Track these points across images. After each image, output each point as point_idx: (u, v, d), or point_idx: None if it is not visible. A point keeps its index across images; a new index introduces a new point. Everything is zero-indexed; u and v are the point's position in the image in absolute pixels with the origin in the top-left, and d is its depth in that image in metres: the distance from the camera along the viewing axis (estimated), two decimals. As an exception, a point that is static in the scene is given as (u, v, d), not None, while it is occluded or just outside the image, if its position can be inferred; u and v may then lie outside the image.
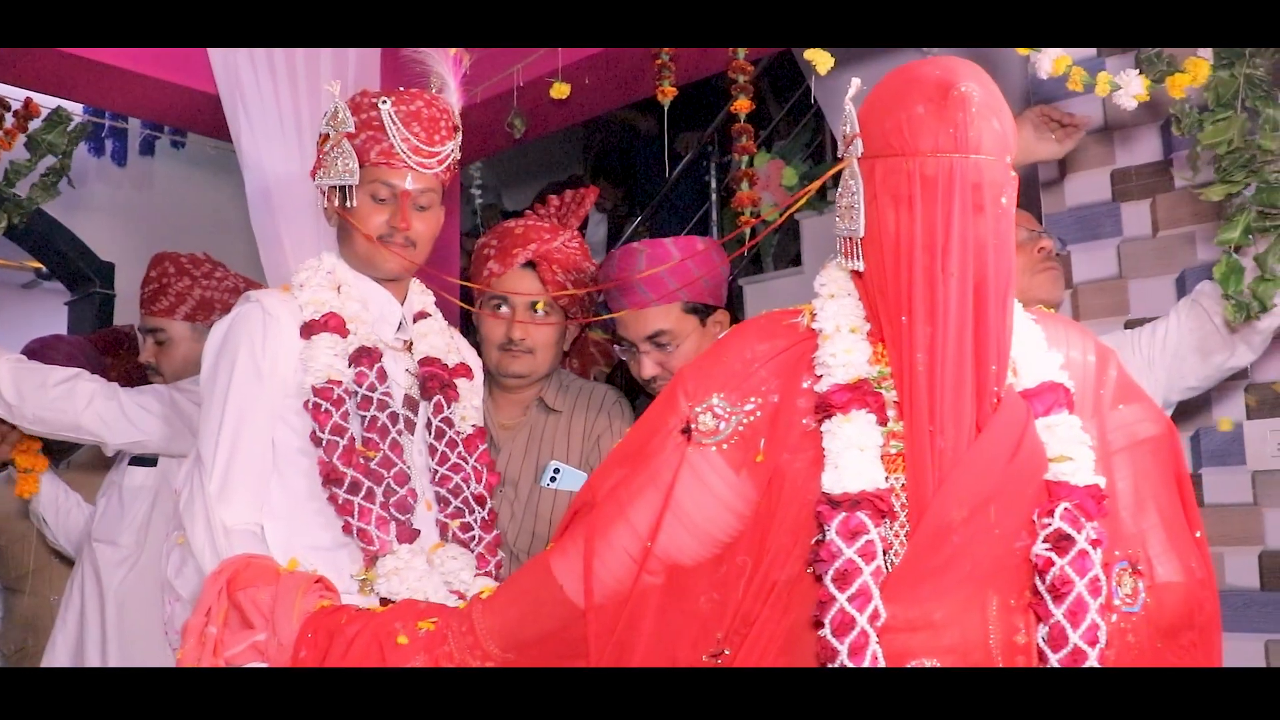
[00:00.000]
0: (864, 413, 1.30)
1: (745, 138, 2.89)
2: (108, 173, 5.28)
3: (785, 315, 1.44)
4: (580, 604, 1.35)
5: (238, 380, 1.90)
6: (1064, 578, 1.24)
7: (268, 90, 3.14)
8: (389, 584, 1.82)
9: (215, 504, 1.83)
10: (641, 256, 2.31)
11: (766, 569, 1.31)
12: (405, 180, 1.97)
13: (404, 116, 1.96)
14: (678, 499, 1.33)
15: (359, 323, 1.99)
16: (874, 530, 1.25)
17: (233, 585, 1.51)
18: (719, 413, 1.35)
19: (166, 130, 5.12)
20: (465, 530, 2.01)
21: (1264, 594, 2.46)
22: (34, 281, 7.29)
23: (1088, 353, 1.43)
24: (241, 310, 1.98)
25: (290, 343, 1.94)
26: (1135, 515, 1.36)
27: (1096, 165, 2.79)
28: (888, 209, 1.30)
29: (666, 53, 2.97)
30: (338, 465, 1.86)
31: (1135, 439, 1.38)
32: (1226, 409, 2.54)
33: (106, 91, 3.38)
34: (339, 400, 1.89)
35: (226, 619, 1.49)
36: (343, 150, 1.97)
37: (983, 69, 1.34)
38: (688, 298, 2.30)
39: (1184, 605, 1.35)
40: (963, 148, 1.27)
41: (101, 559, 2.66)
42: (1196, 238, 2.66)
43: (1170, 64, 2.28)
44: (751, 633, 1.31)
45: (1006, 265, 1.31)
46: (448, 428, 2.05)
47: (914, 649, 1.25)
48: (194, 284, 2.69)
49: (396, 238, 1.98)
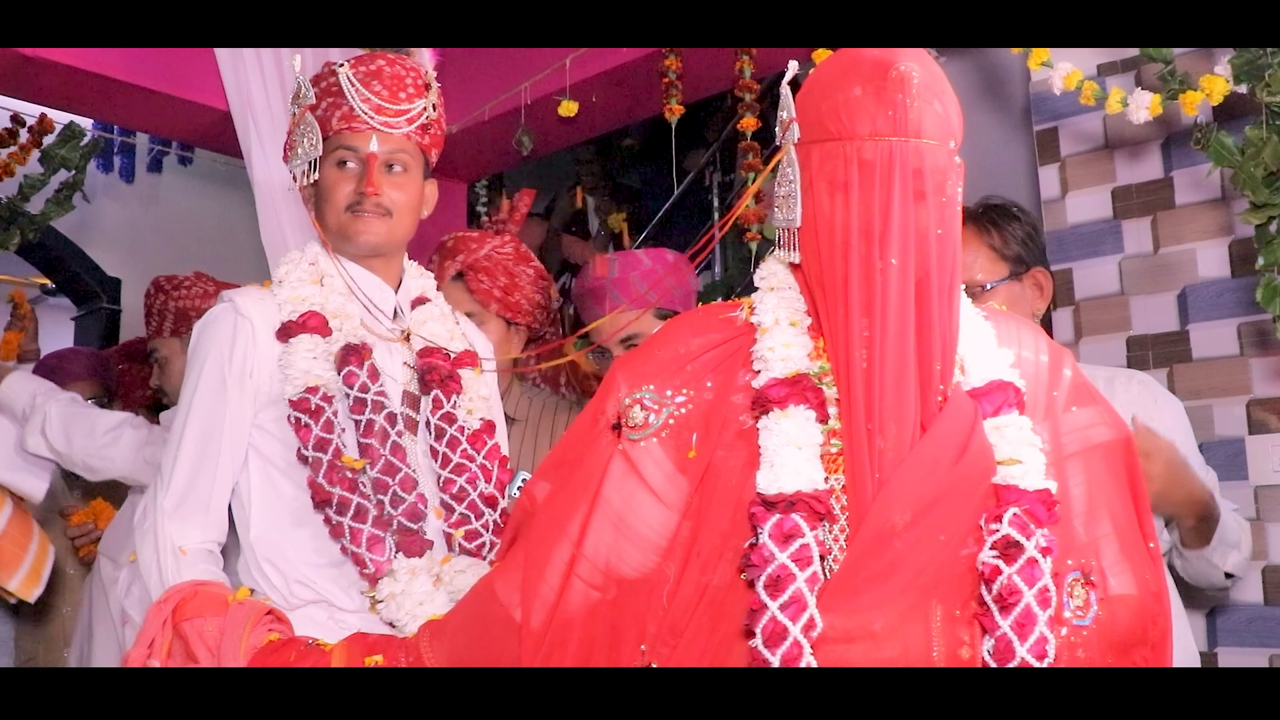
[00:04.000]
0: (802, 409, 1.21)
1: (751, 155, 2.92)
2: (116, 189, 5.31)
3: (723, 309, 1.36)
4: (529, 625, 1.25)
5: (202, 390, 1.74)
6: (1011, 587, 1.14)
7: (278, 105, 3.14)
8: (388, 610, 1.68)
9: (168, 521, 1.69)
10: (614, 264, 2.34)
11: (696, 573, 1.22)
12: (370, 143, 1.78)
13: (362, 76, 1.79)
14: (605, 496, 1.24)
15: (344, 317, 1.80)
16: (809, 533, 1.16)
17: (178, 614, 1.42)
18: (648, 405, 1.27)
19: (174, 146, 5.14)
20: (473, 538, 1.79)
21: (1268, 609, 2.42)
22: (40, 298, 7.31)
23: (1040, 352, 1.34)
24: (212, 312, 1.81)
25: (266, 347, 1.75)
26: (1088, 523, 1.26)
27: (1098, 182, 2.76)
28: (824, 197, 1.22)
29: (674, 69, 3.00)
30: (324, 485, 1.68)
31: (1089, 444, 1.29)
32: (1229, 424, 2.58)
33: (118, 107, 3.39)
34: (318, 410, 1.71)
35: (170, 650, 1.40)
36: (306, 124, 1.81)
37: (929, 54, 1.26)
38: (658, 303, 2.31)
39: (1138, 619, 1.26)
40: (902, 130, 1.19)
41: (105, 575, 2.67)
42: (1198, 254, 2.68)
43: (1184, 81, 2.31)
44: (680, 644, 1.22)
45: (951, 257, 1.22)
46: (448, 425, 1.83)
47: (852, 661, 1.15)
48: (168, 298, 2.68)
49: (366, 205, 1.78)
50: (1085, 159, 2.78)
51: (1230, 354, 2.56)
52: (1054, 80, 2.34)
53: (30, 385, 2.40)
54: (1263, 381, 2.50)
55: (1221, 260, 2.59)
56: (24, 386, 2.39)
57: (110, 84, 3.17)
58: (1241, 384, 2.53)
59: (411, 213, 1.85)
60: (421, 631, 1.38)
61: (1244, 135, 2.16)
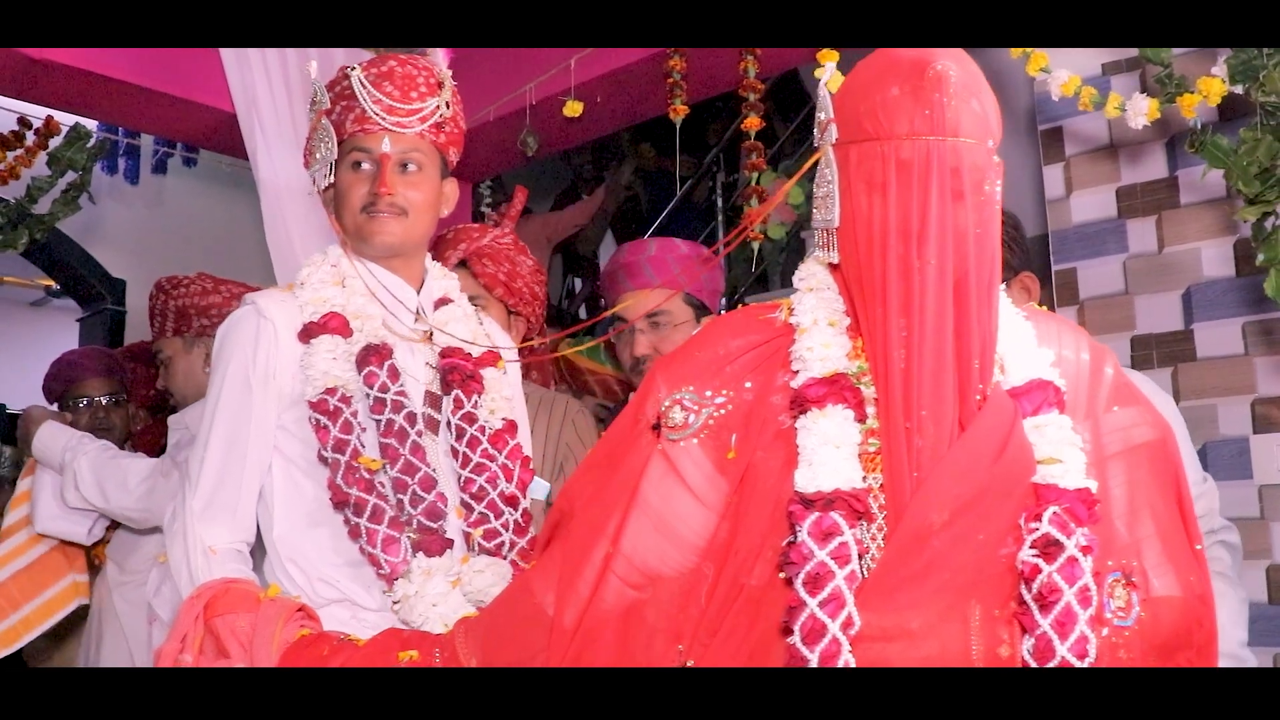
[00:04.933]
0: (840, 408, 1.21)
1: (755, 155, 2.92)
2: (120, 190, 5.30)
3: (762, 309, 1.35)
4: (561, 622, 1.25)
5: (227, 393, 1.76)
6: (1051, 586, 1.13)
7: (283, 107, 3.15)
8: (403, 610, 1.68)
9: (197, 522, 1.71)
10: (652, 244, 2.41)
11: (734, 573, 1.22)
12: (382, 143, 1.79)
13: (374, 79, 1.80)
14: (644, 494, 1.24)
15: (365, 318, 1.81)
16: (848, 532, 1.15)
17: (210, 611, 1.43)
18: (687, 405, 1.27)
19: (179, 148, 5.15)
20: (492, 537, 1.80)
21: (1273, 608, 2.42)
22: (44, 299, 7.32)
23: (1081, 351, 1.32)
24: (235, 315, 1.82)
25: (288, 349, 1.77)
26: (1130, 524, 1.24)
27: (1102, 182, 2.77)
28: (862, 197, 1.21)
29: (679, 70, 3.01)
30: (341, 486, 1.70)
31: (1131, 444, 1.28)
32: (1233, 423, 2.58)
33: (124, 109, 3.37)
34: (336, 411, 1.72)
35: (202, 646, 1.40)
36: (322, 129, 1.83)
37: (966, 54, 1.26)
38: (689, 289, 2.36)
39: (1181, 622, 1.24)
40: (940, 130, 1.18)
41: (111, 578, 2.67)
42: (1202, 254, 2.68)
43: (1181, 84, 2.31)
44: (715, 642, 1.22)
45: (990, 256, 1.22)
46: (468, 425, 1.83)
47: (889, 660, 1.15)
48: (168, 298, 2.68)
49: (381, 205, 1.79)
50: (1089, 159, 2.79)
51: (1235, 353, 2.56)
52: (1051, 87, 2.35)
53: (60, 439, 2.44)
54: (1267, 380, 2.51)
55: (1226, 259, 2.59)
56: (54, 439, 2.44)
57: (116, 86, 3.17)
58: (1246, 383, 2.53)
59: (428, 211, 1.85)
60: (457, 627, 1.38)
61: (1238, 136, 2.17)
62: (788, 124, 5.17)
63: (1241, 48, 2.16)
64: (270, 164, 3.15)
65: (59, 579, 2.52)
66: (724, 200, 5.21)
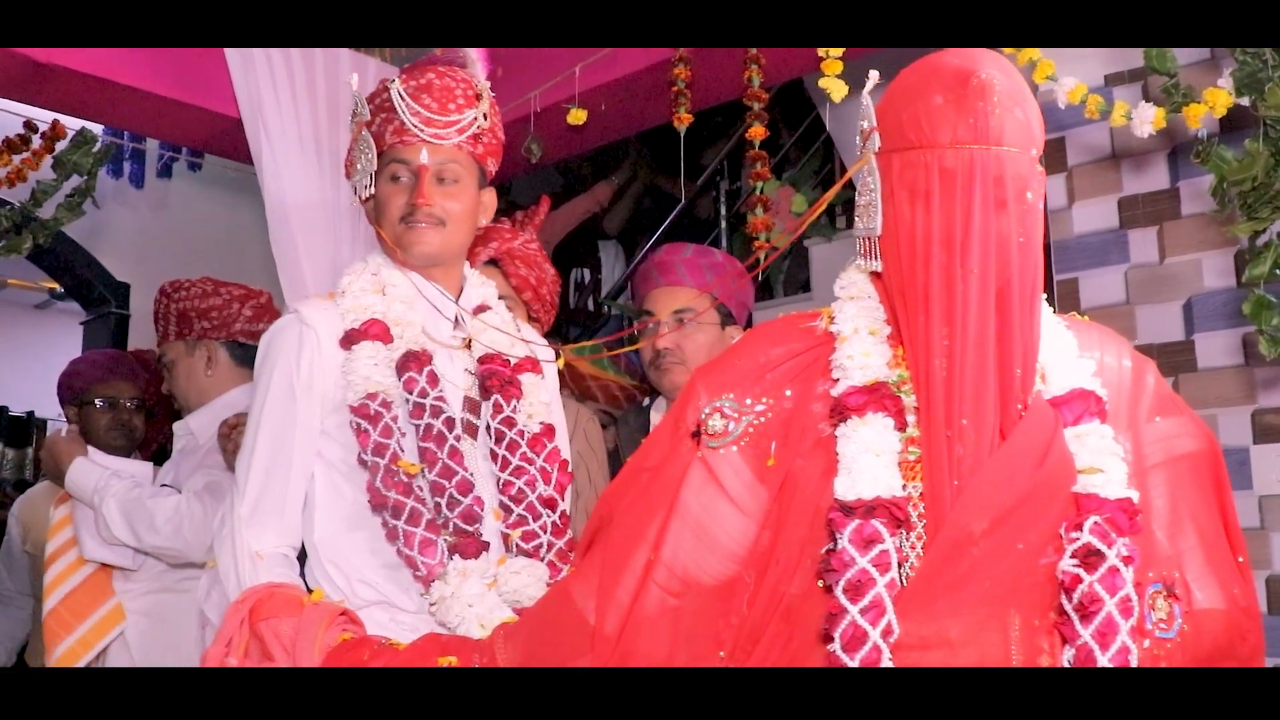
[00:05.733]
0: (881, 416, 1.20)
1: (760, 164, 2.92)
2: (125, 194, 5.28)
3: (803, 318, 1.35)
4: (603, 629, 1.25)
5: (271, 400, 1.79)
6: (1092, 596, 1.12)
7: (288, 112, 3.15)
8: (439, 612, 1.69)
9: (244, 529, 1.74)
10: (689, 248, 2.46)
11: (774, 582, 1.22)
12: (420, 155, 1.82)
13: (413, 91, 1.82)
14: (684, 502, 1.24)
15: (405, 325, 1.83)
16: (889, 539, 1.15)
17: (255, 615, 1.45)
18: (727, 413, 1.27)
19: (184, 152, 5.14)
20: (530, 539, 1.82)
21: (1272, 618, 2.41)
22: (48, 302, 7.33)
23: (1123, 360, 1.33)
24: (279, 323, 1.86)
25: (330, 355, 1.80)
26: (1172, 535, 1.23)
27: (1104, 192, 2.77)
28: (905, 205, 1.21)
29: (683, 78, 3.02)
30: (380, 489, 1.72)
31: (1173, 454, 1.27)
32: (1233, 434, 2.57)
33: (129, 113, 3.36)
34: (376, 416, 1.75)
35: (247, 650, 1.43)
36: (363, 141, 1.86)
37: (1009, 62, 1.26)
38: (717, 292, 2.39)
39: (1225, 634, 1.23)
40: (983, 138, 1.18)
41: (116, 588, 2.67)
42: (1203, 265, 2.68)
43: (1187, 95, 2.32)
44: (757, 649, 1.22)
45: (1033, 265, 1.21)
46: (508, 429, 1.86)
47: (928, 667, 1.14)
48: (170, 302, 2.68)
49: (419, 216, 1.82)
50: (1092, 169, 2.79)
51: (1235, 364, 2.57)
52: (1058, 94, 2.35)
53: (91, 478, 2.47)
54: (1267, 391, 2.51)
55: (1227, 270, 2.60)
56: (85, 478, 2.46)
57: (121, 90, 3.15)
58: (1246, 394, 2.53)
59: (465, 221, 1.88)
60: (496, 633, 1.38)
61: (1243, 148, 2.18)
62: (792, 132, 5.18)
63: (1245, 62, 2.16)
64: (275, 169, 3.14)
65: (107, 599, 2.57)
66: (727, 208, 5.22)
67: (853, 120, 1.36)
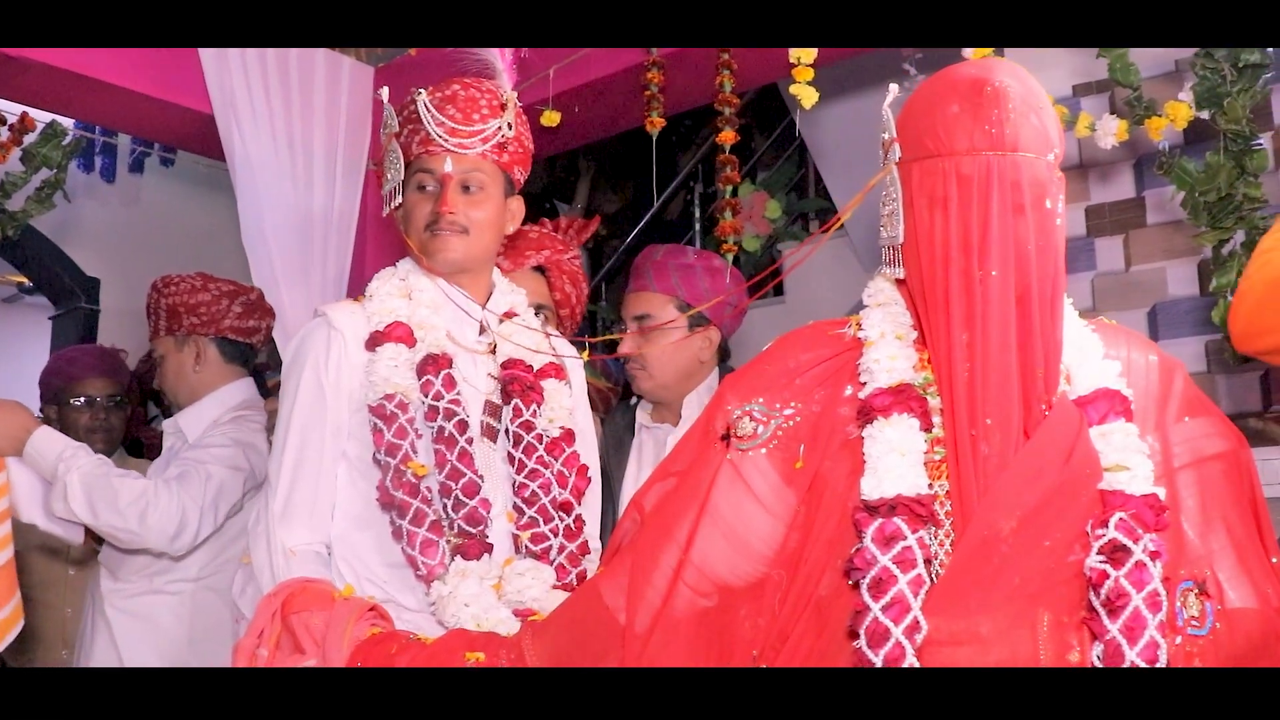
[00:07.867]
0: (906, 417, 1.22)
1: (730, 168, 2.93)
2: (96, 189, 5.21)
3: (831, 325, 1.37)
4: (633, 628, 1.25)
5: (301, 399, 1.83)
6: (1119, 591, 1.13)
7: (261, 109, 3.14)
8: (439, 611, 1.73)
9: (277, 525, 1.78)
10: (661, 250, 2.47)
11: (803, 583, 1.23)
12: (445, 164, 1.85)
13: (438, 102, 1.86)
14: (714, 503, 1.25)
15: (428, 329, 1.87)
16: (911, 536, 1.16)
17: (287, 608, 1.48)
18: (757, 416, 1.28)
19: (156, 148, 5.10)
20: (539, 541, 1.85)
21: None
22: (16, 296, 7.25)
23: (1150, 361, 1.33)
24: (308, 326, 1.91)
25: (355, 357, 1.85)
26: (1203, 534, 1.24)
27: (1071, 201, 2.83)
28: (925, 212, 1.23)
29: (656, 83, 3.02)
30: (389, 488, 1.76)
31: (1203, 455, 1.27)
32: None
33: (101, 108, 3.32)
34: (392, 416, 1.78)
35: (278, 641, 1.46)
36: (392, 153, 1.90)
37: (1025, 70, 1.28)
38: (684, 296, 2.38)
39: (1260, 634, 1.22)
40: (999, 145, 1.20)
41: (104, 586, 2.62)
42: (1168, 273, 2.72)
43: (1150, 107, 2.35)
44: (786, 648, 1.23)
45: (1053, 269, 1.23)
46: (525, 433, 1.90)
47: (959, 664, 1.15)
48: (160, 297, 2.63)
49: (443, 224, 1.85)
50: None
51: (1199, 370, 2.60)
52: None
53: (55, 447, 2.32)
54: (1229, 398, 2.54)
55: (1191, 278, 2.64)
56: (49, 447, 2.32)
57: (93, 84, 3.09)
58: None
59: (490, 229, 1.91)
60: (524, 630, 1.38)
61: (1204, 160, 2.20)
62: (765, 137, 5.20)
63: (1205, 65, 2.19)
64: (248, 166, 3.13)
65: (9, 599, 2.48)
66: (701, 211, 5.24)
67: (826, 126, 1.38)
